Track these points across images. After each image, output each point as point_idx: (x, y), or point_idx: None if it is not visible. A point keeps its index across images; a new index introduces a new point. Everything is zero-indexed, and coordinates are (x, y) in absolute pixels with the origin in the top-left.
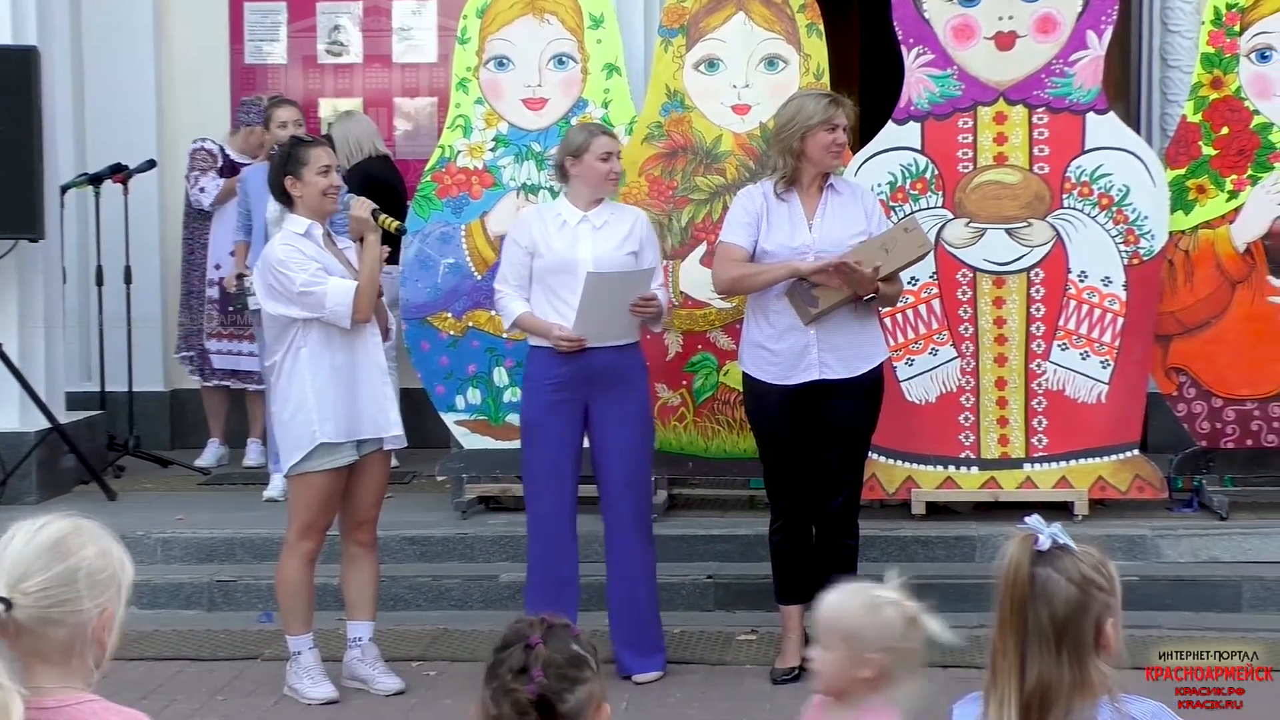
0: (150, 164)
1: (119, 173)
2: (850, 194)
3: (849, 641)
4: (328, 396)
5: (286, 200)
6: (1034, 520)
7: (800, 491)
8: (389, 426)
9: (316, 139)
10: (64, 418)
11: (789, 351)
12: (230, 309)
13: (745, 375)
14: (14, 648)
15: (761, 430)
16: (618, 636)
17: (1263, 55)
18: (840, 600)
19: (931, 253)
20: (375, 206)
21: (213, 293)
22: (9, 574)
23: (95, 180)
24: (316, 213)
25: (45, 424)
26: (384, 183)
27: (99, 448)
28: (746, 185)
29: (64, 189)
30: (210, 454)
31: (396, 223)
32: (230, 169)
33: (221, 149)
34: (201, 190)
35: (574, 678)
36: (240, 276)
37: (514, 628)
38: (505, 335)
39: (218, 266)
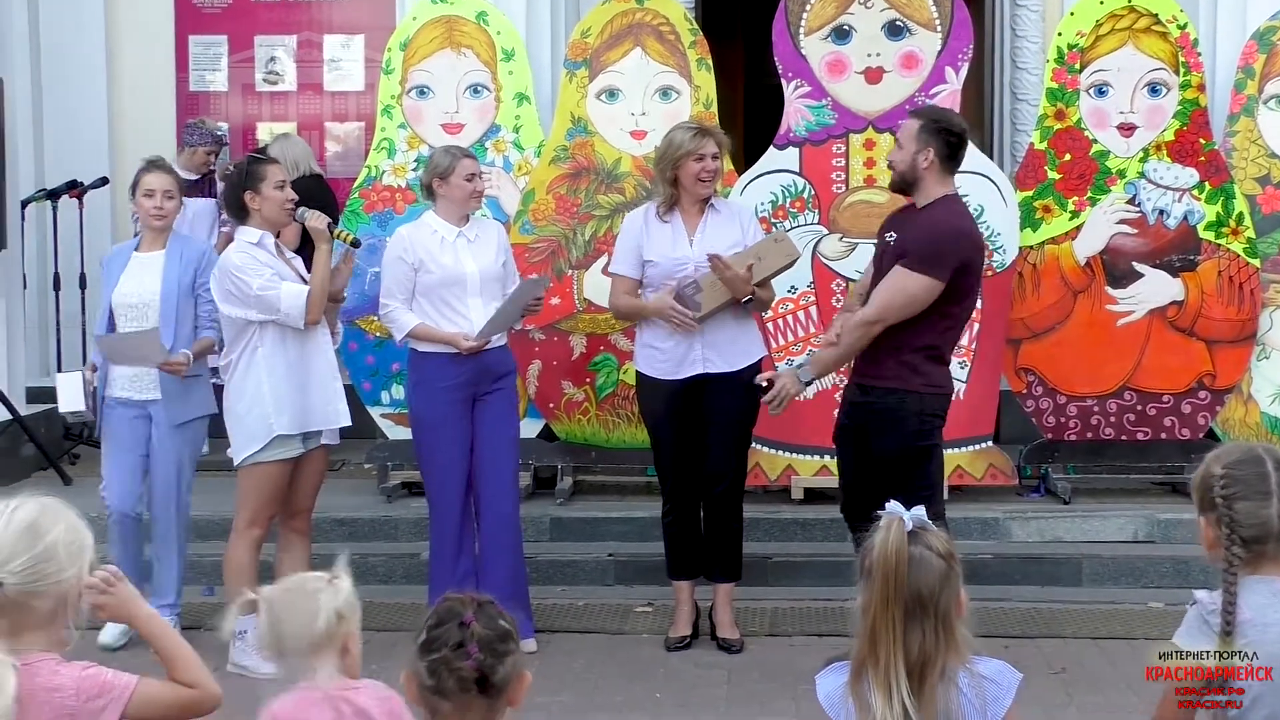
0: (103, 181)
1: (74, 189)
2: (729, 213)
3: None
4: (283, 392)
5: (241, 214)
6: (894, 506)
7: (687, 477)
8: (338, 418)
9: (270, 158)
10: (24, 410)
11: (675, 349)
12: None
13: (638, 372)
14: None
15: (652, 422)
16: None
17: (1100, 90)
18: None
19: (803, 262)
20: (330, 220)
21: None
22: None
23: (53, 195)
24: (272, 224)
25: (6, 416)
26: (318, 201)
27: (56, 438)
28: (637, 207)
29: (24, 203)
30: None
31: (351, 234)
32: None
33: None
34: None
35: (502, 651)
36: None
37: (446, 606)
38: (396, 343)
39: None
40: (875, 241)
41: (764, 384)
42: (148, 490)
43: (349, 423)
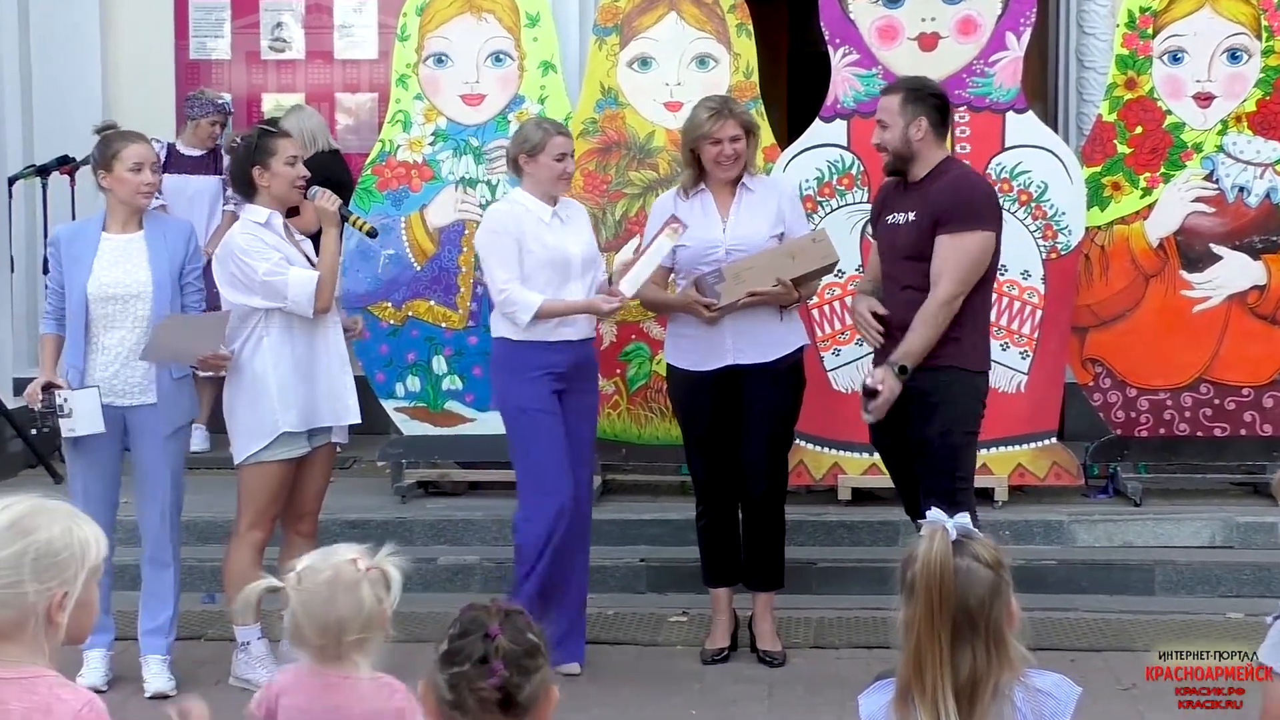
0: None
1: (66, 164)
2: (766, 192)
3: None
4: (289, 386)
5: (248, 190)
6: (936, 514)
7: (722, 477)
8: (346, 414)
9: (282, 131)
10: (11, 403)
11: (703, 337)
12: None
13: (668, 363)
14: None
15: (683, 416)
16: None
17: (1174, 57)
18: None
19: (851, 245)
20: (342, 203)
21: None
22: None
23: (43, 172)
24: (282, 202)
25: None
26: (334, 179)
27: (46, 433)
28: (671, 185)
29: (12, 180)
30: None
31: (367, 224)
32: (176, 163)
33: (170, 146)
34: None
35: (530, 667)
36: (48, 388)
37: (471, 615)
38: (524, 329)
39: None
40: (871, 228)
41: (876, 389)
42: (133, 505)
43: (358, 420)
